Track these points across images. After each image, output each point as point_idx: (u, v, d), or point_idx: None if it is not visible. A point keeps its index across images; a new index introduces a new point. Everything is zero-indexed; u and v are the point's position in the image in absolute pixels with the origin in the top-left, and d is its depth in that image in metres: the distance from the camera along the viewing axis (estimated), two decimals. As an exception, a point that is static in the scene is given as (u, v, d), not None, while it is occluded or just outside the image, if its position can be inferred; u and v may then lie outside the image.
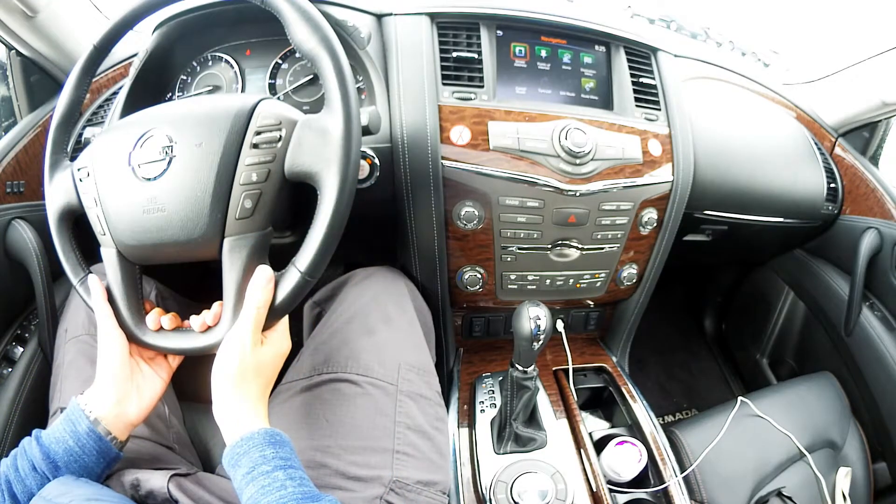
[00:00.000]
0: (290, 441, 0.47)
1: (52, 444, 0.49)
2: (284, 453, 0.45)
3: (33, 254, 0.73)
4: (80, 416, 0.50)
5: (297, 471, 0.44)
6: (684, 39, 1.22)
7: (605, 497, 0.68)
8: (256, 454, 0.44)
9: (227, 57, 0.79)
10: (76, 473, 0.49)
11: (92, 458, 0.49)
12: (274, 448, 0.44)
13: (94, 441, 0.49)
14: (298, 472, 0.44)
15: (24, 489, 0.47)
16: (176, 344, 0.54)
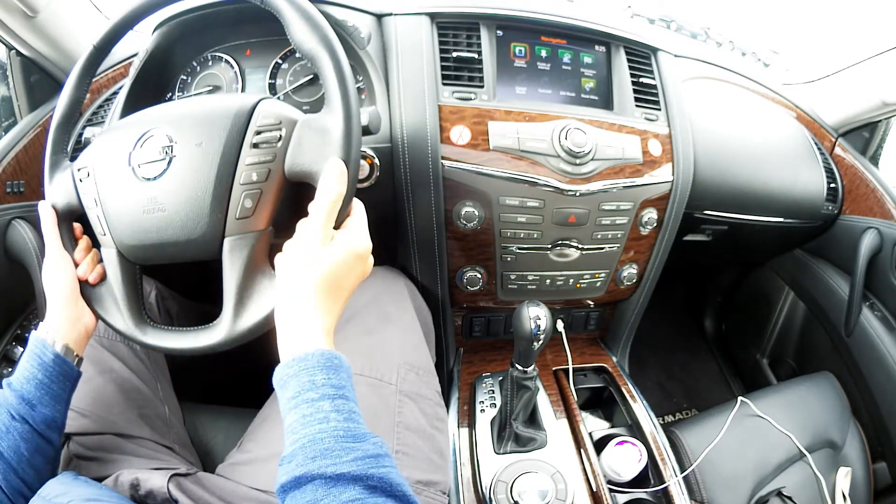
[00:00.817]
0: (349, 367, 0.43)
1: (23, 385, 0.49)
2: (338, 380, 0.40)
3: (33, 254, 0.73)
4: (45, 348, 0.51)
5: (347, 402, 0.39)
6: (684, 39, 1.22)
7: (605, 497, 0.68)
8: (305, 378, 0.40)
9: (227, 57, 0.79)
10: (48, 408, 0.50)
11: (58, 385, 0.51)
12: (326, 373, 0.40)
13: (59, 366, 0.51)
14: (349, 403, 0.40)
15: (9, 444, 0.47)
16: (176, 344, 0.54)
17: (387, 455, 0.38)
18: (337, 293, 0.45)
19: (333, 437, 0.37)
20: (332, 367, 0.40)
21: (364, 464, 0.36)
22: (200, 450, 0.70)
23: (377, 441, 0.38)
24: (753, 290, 1.39)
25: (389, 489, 0.35)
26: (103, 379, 0.64)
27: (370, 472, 0.35)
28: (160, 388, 0.70)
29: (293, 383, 0.40)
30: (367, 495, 0.34)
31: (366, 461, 0.36)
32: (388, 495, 0.35)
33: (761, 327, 1.34)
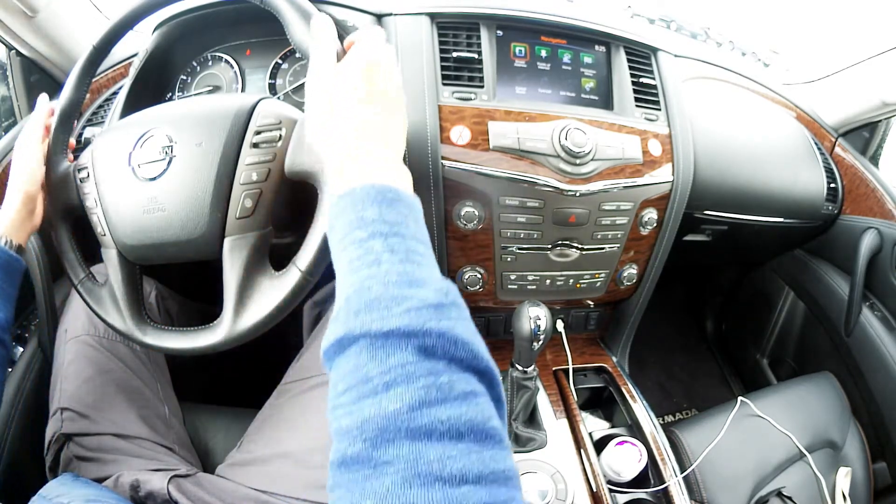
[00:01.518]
0: (413, 201, 0.36)
1: None
2: (393, 215, 0.33)
3: (33, 254, 0.73)
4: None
5: (404, 240, 0.33)
6: (684, 39, 1.22)
7: (605, 497, 0.68)
8: (353, 215, 0.33)
9: (227, 57, 0.79)
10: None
11: (6, 281, 0.52)
12: (378, 207, 0.33)
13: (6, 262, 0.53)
14: (407, 241, 0.33)
15: None
16: (176, 344, 0.54)
17: (453, 305, 0.30)
18: (368, 104, 0.39)
19: (384, 284, 0.30)
20: (386, 201, 0.34)
21: (419, 316, 0.28)
22: (200, 450, 0.70)
23: (442, 287, 0.31)
24: (753, 290, 1.39)
25: (453, 347, 0.28)
26: (103, 379, 0.64)
27: (428, 326, 0.28)
28: (160, 388, 0.70)
29: (339, 223, 0.34)
30: (420, 359, 0.27)
31: (422, 312, 0.29)
32: (449, 355, 0.28)
33: (761, 327, 1.34)
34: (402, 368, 0.27)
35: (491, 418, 0.27)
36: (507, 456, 0.27)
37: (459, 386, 0.27)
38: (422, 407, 0.26)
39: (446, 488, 0.23)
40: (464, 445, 0.25)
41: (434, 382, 0.27)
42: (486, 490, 0.24)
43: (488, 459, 0.25)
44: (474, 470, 0.25)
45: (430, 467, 0.24)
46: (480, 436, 0.26)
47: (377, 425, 0.26)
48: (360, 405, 0.27)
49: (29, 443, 0.68)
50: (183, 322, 0.82)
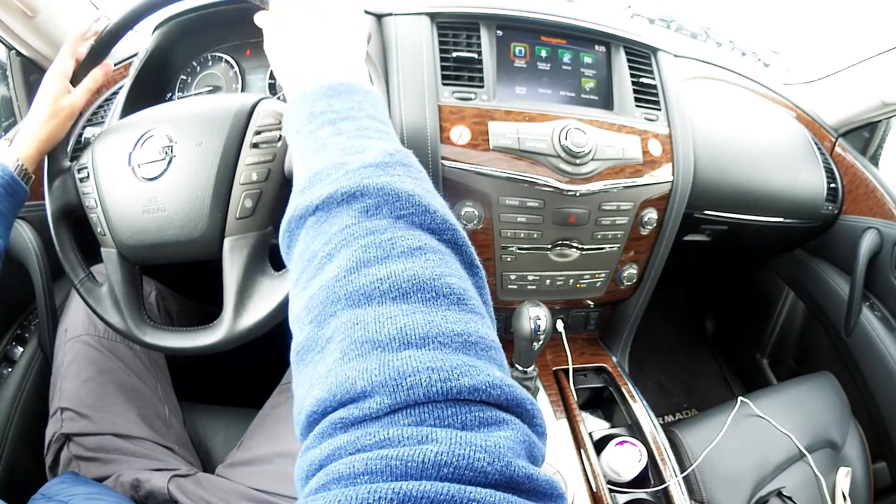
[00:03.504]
0: (364, 88, 0.33)
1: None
2: (343, 104, 0.32)
3: (33, 254, 0.73)
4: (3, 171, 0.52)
5: (355, 121, 0.31)
6: (684, 39, 1.22)
7: (605, 497, 0.68)
8: (303, 112, 0.32)
9: (227, 57, 0.79)
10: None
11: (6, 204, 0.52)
12: (328, 100, 0.32)
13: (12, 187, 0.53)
14: (360, 121, 0.31)
15: None
16: (176, 344, 0.54)
17: (399, 164, 0.28)
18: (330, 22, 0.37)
19: (327, 159, 0.28)
20: (336, 94, 0.32)
21: (357, 175, 0.26)
22: (200, 450, 0.70)
23: (387, 148, 0.29)
24: (753, 290, 1.39)
25: (396, 202, 0.25)
26: (103, 379, 0.64)
27: (364, 183, 0.26)
28: (160, 388, 0.70)
29: (290, 123, 0.33)
30: (361, 219, 0.25)
31: (360, 172, 0.26)
32: (395, 212, 0.25)
33: (761, 327, 1.33)
34: (341, 234, 0.25)
35: (444, 276, 0.24)
36: (469, 319, 0.23)
37: (404, 242, 0.24)
38: (360, 268, 0.23)
39: (384, 354, 0.20)
40: (408, 305, 0.22)
41: (374, 241, 0.24)
42: (434, 354, 0.21)
43: (439, 320, 0.22)
44: (419, 331, 0.21)
45: (367, 332, 0.21)
46: (430, 293, 0.23)
47: (319, 300, 0.23)
48: (308, 287, 0.25)
49: (29, 443, 0.68)
50: (183, 322, 0.82)
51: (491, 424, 0.20)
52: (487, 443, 0.19)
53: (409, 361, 0.20)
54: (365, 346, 0.21)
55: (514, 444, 0.20)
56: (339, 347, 0.22)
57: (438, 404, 0.20)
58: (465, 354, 0.22)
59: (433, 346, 0.21)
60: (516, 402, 0.22)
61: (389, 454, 0.18)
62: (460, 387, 0.20)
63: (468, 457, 0.18)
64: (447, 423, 0.20)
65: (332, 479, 0.18)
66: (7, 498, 0.65)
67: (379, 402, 0.20)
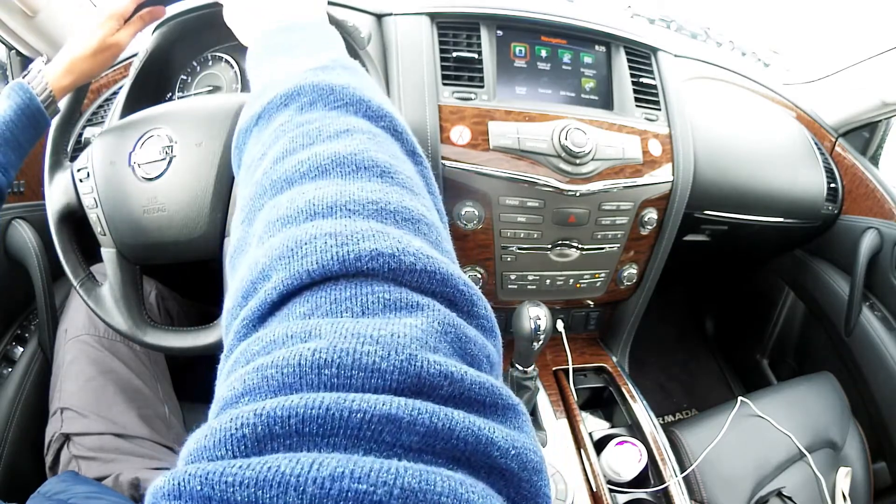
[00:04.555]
0: (318, 24, 0.33)
1: None
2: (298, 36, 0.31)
3: (33, 254, 0.73)
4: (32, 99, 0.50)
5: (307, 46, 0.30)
6: (684, 39, 1.22)
7: (605, 497, 0.68)
8: (261, 47, 0.32)
9: (227, 57, 0.79)
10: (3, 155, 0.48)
11: (25, 134, 0.50)
12: (286, 34, 0.31)
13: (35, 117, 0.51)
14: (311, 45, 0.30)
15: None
16: (176, 343, 0.54)
17: (341, 66, 0.27)
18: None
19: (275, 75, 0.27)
20: (294, 28, 0.32)
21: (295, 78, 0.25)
22: (200, 450, 0.70)
23: (335, 56, 0.28)
24: (753, 290, 1.39)
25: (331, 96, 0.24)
26: (103, 379, 0.64)
27: (300, 83, 0.25)
28: (160, 388, 0.70)
29: (249, 59, 0.32)
30: (296, 114, 0.24)
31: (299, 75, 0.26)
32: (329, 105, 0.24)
33: (761, 327, 1.33)
34: (275, 132, 0.23)
35: (370, 150, 0.21)
36: (394, 191, 0.20)
37: (333, 127, 0.22)
38: (285, 157, 0.21)
39: (289, 228, 0.18)
40: (324, 181, 0.20)
41: (302, 132, 0.22)
42: (337, 222, 0.17)
43: (354, 189, 0.19)
44: (327, 201, 0.18)
45: (278, 211, 0.19)
46: (349, 167, 0.20)
47: (250, 198, 0.22)
48: (245, 190, 0.23)
49: (29, 443, 0.68)
50: (183, 322, 0.82)
51: (399, 309, 0.16)
52: (383, 332, 0.15)
53: (310, 230, 0.17)
54: (275, 225, 0.19)
55: (427, 336, 0.15)
56: (257, 236, 0.20)
57: (337, 284, 0.16)
58: (377, 221, 0.18)
59: (340, 213, 0.18)
60: (441, 278, 0.17)
61: (264, 363, 0.15)
62: (359, 251, 0.16)
63: (354, 352, 0.14)
64: (343, 308, 0.16)
65: (218, 409, 0.15)
66: (7, 498, 0.65)
67: (275, 281, 0.17)
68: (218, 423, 0.13)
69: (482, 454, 0.14)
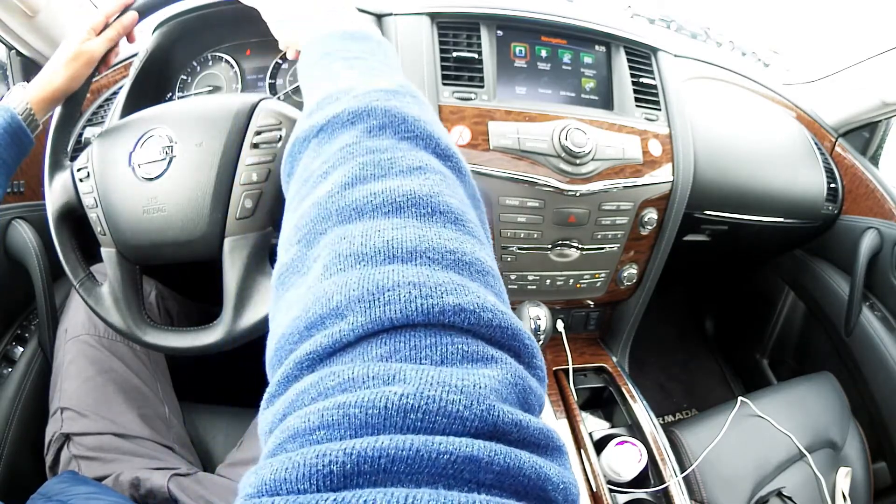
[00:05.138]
0: (380, 38, 0.34)
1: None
2: (358, 47, 0.32)
3: (33, 254, 0.73)
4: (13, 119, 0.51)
5: (367, 62, 0.31)
6: (684, 39, 1.22)
7: (605, 497, 0.68)
8: (318, 51, 0.32)
9: (227, 57, 0.79)
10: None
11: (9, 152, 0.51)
12: (343, 41, 0.32)
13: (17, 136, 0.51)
14: (371, 63, 0.31)
15: None
16: (176, 344, 0.54)
17: (409, 94, 0.27)
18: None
19: (339, 87, 0.27)
20: (352, 38, 0.32)
21: (366, 98, 0.25)
22: (200, 450, 0.70)
23: (399, 80, 0.28)
24: (753, 290, 1.39)
25: (402, 125, 0.25)
26: (103, 379, 0.64)
27: (373, 105, 0.25)
28: (160, 388, 0.70)
29: (304, 62, 0.33)
30: (363, 139, 0.24)
31: (370, 95, 0.25)
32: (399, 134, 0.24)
33: (761, 327, 1.33)
34: (341, 151, 0.23)
35: (444, 194, 0.22)
36: (467, 240, 0.21)
37: (405, 161, 0.22)
38: (355, 184, 0.21)
39: (365, 268, 0.18)
40: (399, 220, 0.20)
41: (374, 160, 0.22)
42: (419, 270, 0.18)
43: (432, 235, 0.19)
44: (407, 245, 0.19)
45: (352, 246, 0.19)
46: (426, 209, 0.20)
47: (310, 218, 0.22)
48: (301, 206, 0.23)
49: (29, 443, 0.68)
50: (183, 322, 0.82)
51: (476, 360, 0.17)
52: (466, 382, 0.16)
53: (391, 275, 0.18)
54: (348, 259, 0.19)
55: (502, 387, 0.17)
56: (322, 264, 0.19)
57: (417, 331, 0.17)
58: (457, 273, 0.19)
59: (420, 261, 0.18)
60: (512, 333, 0.18)
61: (348, 401, 0.15)
62: (444, 305, 0.17)
63: (440, 399, 0.15)
64: (423, 355, 0.17)
65: (287, 438, 0.16)
66: (7, 498, 0.65)
67: (351, 322, 0.17)
68: (301, 458, 0.14)
69: (539, 489, 0.15)
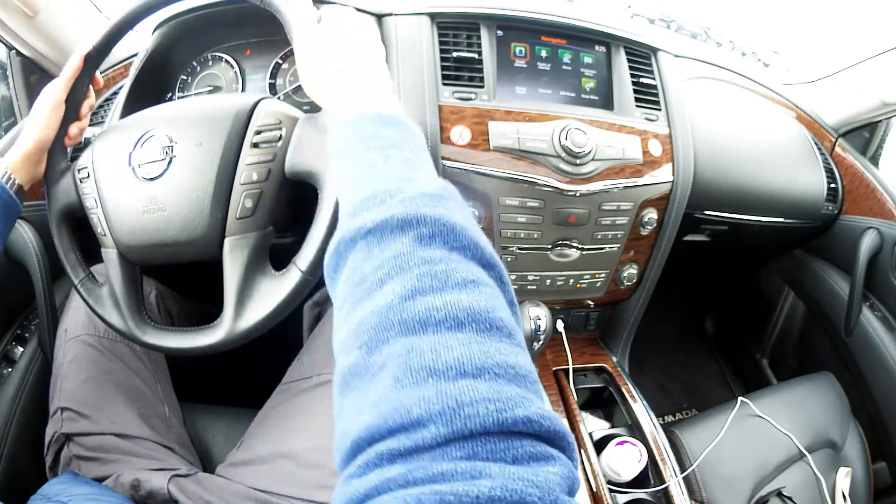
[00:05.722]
0: (410, 123, 0.35)
1: None
2: (391, 133, 0.33)
3: (33, 254, 0.73)
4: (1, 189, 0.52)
5: (402, 152, 0.32)
6: (684, 39, 1.22)
7: (605, 497, 0.68)
8: (351, 135, 0.33)
9: (227, 57, 0.79)
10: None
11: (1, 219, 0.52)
12: (376, 128, 0.33)
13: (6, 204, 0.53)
14: (406, 153, 0.32)
15: None
16: (176, 344, 0.54)
17: (451, 198, 0.28)
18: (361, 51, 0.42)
19: (378, 183, 0.28)
20: (383, 122, 0.34)
21: (414, 203, 0.26)
22: (200, 450, 0.70)
23: (440, 182, 0.29)
24: (753, 290, 1.39)
25: (451, 235, 0.26)
26: (103, 379, 0.64)
27: (423, 212, 0.26)
28: (160, 388, 0.70)
29: (338, 143, 0.34)
30: (416, 248, 0.25)
31: (416, 200, 0.27)
32: (449, 244, 0.26)
33: (761, 327, 1.34)
34: (395, 260, 0.25)
35: (496, 309, 0.24)
36: (519, 352, 0.24)
37: (459, 274, 0.24)
38: (415, 296, 0.23)
39: (440, 383, 0.21)
40: (463, 335, 0.22)
41: (429, 271, 0.24)
42: (489, 385, 0.21)
43: (493, 351, 0.22)
44: (475, 361, 0.21)
45: (423, 360, 0.21)
46: (484, 325, 0.23)
47: (371, 325, 0.23)
48: (357, 310, 0.25)
49: (29, 443, 0.68)
50: (183, 322, 0.82)
51: (540, 459, 0.20)
52: (538, 478, 0.19)
53: (467, 391, 0.20)
54: (421, 373, 0.21)
55: (562, 480, 0.20)
56: (392, 374, 0.22)
57: (491, 437, 0.20)
58: (518, 386, 0.22)
59: (488, 376, 0.21)
60: (561, 435, 0.22)
61: (442, 489, 0.18)
62: (515, 418, 0.20)
63: (521, 492, 0.18)
64: (499, 456, 0.20)
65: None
66: (7, 498, 0.65)
67: (434, 431, 0.20)
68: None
69: None
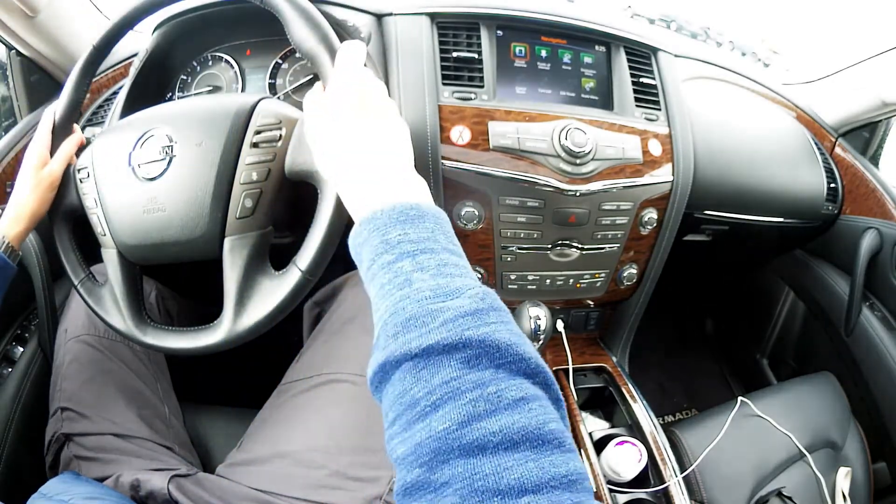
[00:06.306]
0: (437, 213, 0.35)
1: None
2: (419, 232, 0.33)
3: (33, 254, 0.73)
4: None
5: (434, 255, 0.32)
6: (684, 39, 1.22)
7: (605, 497, 0.68)
8: (377, 240, 0.33)
9: (227, 57, 0.79)
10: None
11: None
12: (402, 227, 0.33)
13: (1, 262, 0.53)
14: (437, 256, 0.32)
15: None
16: (176, 344, 0.54)
17: (491, 309, 0.29)
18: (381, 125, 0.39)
19: (417, 302, 0.29)
20: (409, 220, 0.33)
21: (457, 326, 0.27)
22: (200, 450, 0.70)
23: (478, 293, 0.30)
24: (753, 290, 1.39)
25: (496, 353, 0.27)
26: (103, 379, 0.64)
27: (467, 335, 0.27)
28: (160, 388, 0.70)
29: (366, 250, 0.34)
30: (465, 372, 0.27)
31: (458, 322, 0.28)
32: (495, 362, 0.27)
33: (761, 327, 1.33)
34: (447, 385, 0.26)
35: (546, 422, 0.26)
36: (568, 459, 0.26)
37: (509, 394, 0.26)
38: (472, 422, 0.25)
39: (505, 501, 0.23)
40: (520, 454, 0.25)
41: (482, 395, 0.26)
42: (548, 497, 0.24)
43: (548, 465, 0.25)
44: (533, 478, 0.24)
45: (487, 482, 0.24)
46: (537, 442, 0.25)
47: (430, 448, 0.26)
48: (412, 431, 0.27)
49: (29, 443, 0.68)
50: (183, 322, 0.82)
51: None
52: None
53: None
54: (486, 493, 0.24)
55: None
56: (458, 493, 0.24)
57: None
58: (569, 492, 0.24)
59: (546, 490, 0.24)
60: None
61: None
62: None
63: None
64: None
65: None
66: (7, 498, 0.65)
67: None
68: None
69: None
